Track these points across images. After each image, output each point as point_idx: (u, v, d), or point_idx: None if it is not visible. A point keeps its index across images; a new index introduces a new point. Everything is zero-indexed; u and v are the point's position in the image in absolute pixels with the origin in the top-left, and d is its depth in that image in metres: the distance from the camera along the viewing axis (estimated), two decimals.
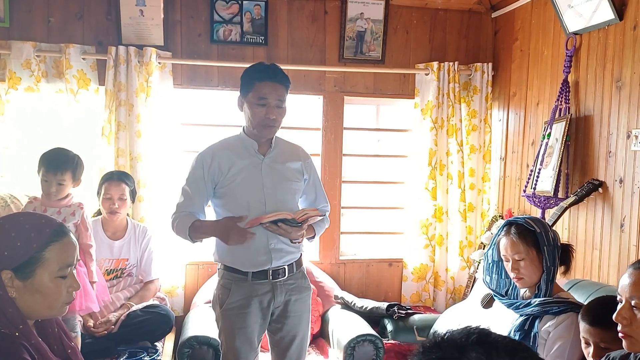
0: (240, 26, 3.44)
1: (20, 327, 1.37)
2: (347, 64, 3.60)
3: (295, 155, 2.39)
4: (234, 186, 2.26)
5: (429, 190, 3.62)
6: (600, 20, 2.68)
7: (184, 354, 2.75)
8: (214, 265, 3.49)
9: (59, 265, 1.41)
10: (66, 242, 1.44)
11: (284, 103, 2.25)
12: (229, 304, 2.28)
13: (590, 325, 1.85)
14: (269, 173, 2.28)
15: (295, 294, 2.33)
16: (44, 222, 1.44)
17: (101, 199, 3.03)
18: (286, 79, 2.26)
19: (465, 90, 3.70)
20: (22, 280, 1.37)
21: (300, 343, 2.38)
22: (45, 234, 1.40)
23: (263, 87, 2.21)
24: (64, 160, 2.60)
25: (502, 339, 0.78)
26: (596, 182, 2.70)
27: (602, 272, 2.70)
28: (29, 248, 1.37)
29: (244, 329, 2.26)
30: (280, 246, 2.26)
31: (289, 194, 2.31)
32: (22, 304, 1.39)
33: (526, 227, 2.12)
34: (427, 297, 3.72)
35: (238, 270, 2.28)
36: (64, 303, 1.46)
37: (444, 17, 3.71)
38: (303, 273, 2.40)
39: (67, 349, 1.54)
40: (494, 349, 0.75)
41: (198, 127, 3.64)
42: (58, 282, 1.42)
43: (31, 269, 1.38)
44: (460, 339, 0.77)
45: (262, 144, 2.31)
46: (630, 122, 2.54)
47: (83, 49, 3.27)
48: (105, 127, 3.28)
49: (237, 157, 2.28)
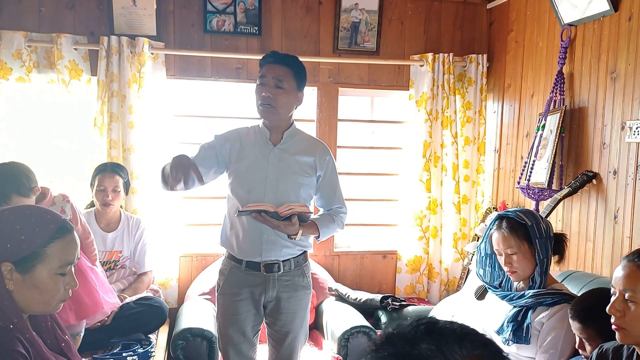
0: (234, 16, 3.41)
1: (15, 320, 1.36)
2: (341, 55, 3.58)
3: (310, 149, 2.34)
4: (240, 172, 2.27)
5: (423, 182, 3.62)
6: (596, 11, 2.67)
7: (178, 346, 2.75)
8: (208, 257, 3.53)
9: (59, 263, 1.40)
10: (69, 239, 1.43)
11: (284, 83, 2.21)
12: (223, 289, 2.32)
13: (581, 324, 1.86)
14: (275, 163, 2.26)
15: (288, 291, 2.31)
16: (50, 217, 1.43)
17: (94, 190, 3.02)
18: (287, 60, 2.24)
19: (460, 82, 3.69)
20: (21, 274, 1.36)
21: (292, 341, 2.36)
22: (50, 229, 1.39)
23: (264, 68, 2.24)
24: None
25: (450, 325, 0.78)
26: (590, 174, 2.71)
27: (596, 264, 2.71)
28: (32, 243, 1.36)
29: (235, 316, 2.28)
30: (274, 238, 2.24)
31: (293, 187, 2.27)
32: (18, 298, 1.38)
33: (517, 221, 2.12)
34: (421, 288, 3.73)
35: (234, 258, 2.30)
36: (60, 300, 1.45)
37: (438, 8, 3.69)
38: (303, 271, 2.36)
39: (61, 342, 1.53)
40: (443, 337, 0.75)
41: (191, 118, 3.62)
42: (57, 279, 1.41)
43: (32, 263, 1.37)
44: (409, 331, 0.77)
45: (275, 133, 2.30)
46: (625, 114, 2.53)
47: (75, 39, 3.23)
48: (98, 118, 3.25)
49: (249, 144, 2.29)
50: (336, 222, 2.38)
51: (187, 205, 3.56)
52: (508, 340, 2.10)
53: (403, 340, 0.77)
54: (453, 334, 0.77)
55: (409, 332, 0.77)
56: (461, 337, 0.76)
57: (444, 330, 0.77)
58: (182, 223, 3.50)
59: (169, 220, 3.38)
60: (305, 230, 2.24)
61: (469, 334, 0.77)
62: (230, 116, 3.65)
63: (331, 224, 2.35)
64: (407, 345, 0.76)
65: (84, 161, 3.27)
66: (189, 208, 3.59)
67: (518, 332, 2.07)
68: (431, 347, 0.74)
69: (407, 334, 0.77)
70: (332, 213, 2.39)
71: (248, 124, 2.43)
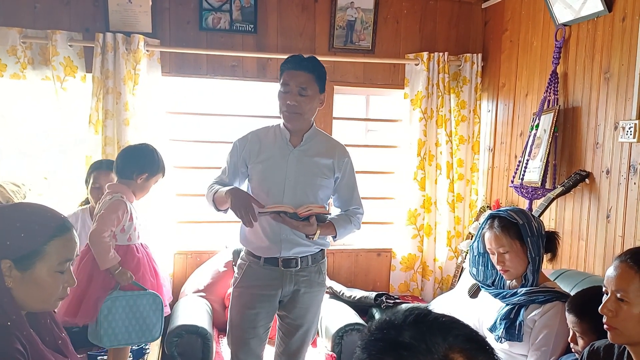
0: (230, 14, 3.41)
1: (13, 317, 1.36)
2: (337, 53, 3.59)
3: (330, 152, 2.36)
4: (259, 172, 2.30)
5: (418, 180, 3.63)
6: (590, 11, 2.68)
7: (172, 343, 2.76)
8: (203, 254, 3.54)
9: (58, 260, 1.41)
10: (68, 237, 1.44)
11: (307, 91, 2.22)
12: (240, 283, 2.35)
13: (576, 317, 1.88)
14: (294, 164, 2.28)
15: (305, 286, 2.34)
16: (50, 215, 1.43)
17: (89, 188, 3.00)
18: (310, 66, 2.24)
19: (455, 81, 3.70)
20: (20, 271, 1.37)
21: (303, 335, 2.40)
22: (50, 228, 1.40)
23: (286, 74, 2.24)
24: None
25: (440, 318, 0.81)
26: (583, 173, 2.72)
27: (588, 263, 2.73)
28: (32, 240, 1.37)
29: (249, 310, 2.30)
30: (291, 237, 2.27)
31: (312, 189, 2.30)
32: (17, 295, 1.38)
33: (509, 220, 2.13)
34: (415, 286, 3.74)
35: (253, 254, 2.34)
36: (58, 298, 1.46)
37: (434, 7, 3.71)
38: (320, 269, 2.39)
39: (58, 339, 1.53)
40: (428, 328, 0.78)
41: (187, 115, 3.62)
42: (56, 277, 1.42)
43: (31, 261, 1.37)
44: (398, 319, 0.81)
45: (295, 135, 2.32)
46: (618, 114, 2.55)
47: (70, 35, 3.22)
48: (93, 115, 3.24)
49: (269, 145, 2.32)
50: (353, 222, 2.41)
51: (180, 203, 3.55)
52: (501, 338, 2.11)
53: (391, 327, 0.80)
54: (439, 326, 0.79)
55: (398, 320, 0.80)
56: (447, 329, 0.78)
57: (431, 322, 0.80)
58: (176, 220, 3.50)
59: (163, 217, 3.38)
60: (323, 230, 2.27)
61: (455, 328, 0.80)
62: (225, 114, 3.65)
63: (348, 225, 2.38)
64: (394, 332, 0.79)
65: (79, 158, 3.27)
66: (183, 205, 3.59)
67: (511, 330, 2.09)
68: (415, 336, 0.77)
69: (395, 321, 0.81)
70: (349, 214, 2.42)
71: (243, 121, 2.44)
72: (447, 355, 0.76)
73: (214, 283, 3.32)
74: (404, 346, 0.77)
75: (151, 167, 2.45)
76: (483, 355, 0.78)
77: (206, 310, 3.10)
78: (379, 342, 0.80)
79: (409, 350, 0.76)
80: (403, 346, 0.77)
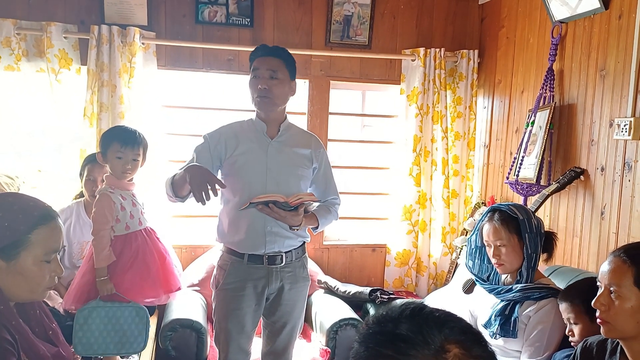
0: (226, 7, 3.40)
1: (1, 307, 1.36)
2: (333, 48, 3.58)
3: (306, 142, 2.37)
4: (238, 166, 2.26)
5: (413, 176, 3.64)
6: (586, 9, 2.69)
7: (167, 337, 2.75)
8: (197, 248, 3.53)
9: (44, 250, 1.40)
10: (53, 226, 1.42)
11: (278, 74, 2.22)
12: (224, 284, 2.30)
13: (566, 301, 1.92)
14: (274, 156, 2.27)
15: (290, 282, 2.32)
16: (33, 204, 1.42)
17: (84, 181, 2.99)
18: (279, 51, 2.25)
19: (451, 77, 3.70)
20: (5, 261, 1.36)
21: (290, 331, 2.39)
22: (33, 217, 1.39)
23: (256, 62, 2.25)
24: (135, 135, 2.33)
25: (435, 312, 0.83)
26: (578, 170, 2.73)
27: (582, 259, 2.74)
28: (15, 230, 1.36)
29: (236, 311, 2.27)
30: (277, 230, 2.25)
31: (294, 179, 2.29)
32: (3, 286, 1.37)
33: (509, 214, 2.14)
34: (410, 282, 3.75)
35: (235, 252, 2.29)
36: (46, 288, 1.45)
37: (431, 3, 3.70)
38: (303, 263, 2.39)
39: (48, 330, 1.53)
40: (425, 321, 0.80)
41: (182, 109, 3.60)
42: (42, 266, 1.41)
43: (16, 251, 1.36)
44: (394, 313, 0.83)
45: (271, 126, 2.31)
46: (613, 111, 2.56)
47: (65, 27, 3.20)
48: (87, 108, 3.22)
49: (245, 138, 2.28)
50: (332, 212, 2.42)
51: None
52: (495, 334, 2.12)
53: (388, 320, 0.83)
54: (435, 319, 0.81)
55: (394, 314, 0.83)
56: (442, 322, 0.81)
57: (427, 315, 0.82)
58: (170, 214, 3.49)
59: (157, 211, 3.36)
60: (306, 221, 2.27)
61: (451, 320, 0.82)
62: (221, 108, 3.64)
63: (328, 215, 2.39)
64: (391, 325, 0.81)
65: (73, 151, 3.25)
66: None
67: (505, 326, 2.10)
68: (412, 328, 0.79)
69: (392, 315, 0.83)
70: (327, 204, 2.42)
71: (239, 115, 2.43)
72: (443, 346, 0.77)
73: (209, 277, 3.29)
74: (401, 338, 0.79)
75: (103, 141, 2.29)
76: (478, 347, 0.80)
77: (200, 304, 3.10)
78: (376, 335, 0.82)
79: (406, 342, 0.78)
80: (400, 338, 0.79)
